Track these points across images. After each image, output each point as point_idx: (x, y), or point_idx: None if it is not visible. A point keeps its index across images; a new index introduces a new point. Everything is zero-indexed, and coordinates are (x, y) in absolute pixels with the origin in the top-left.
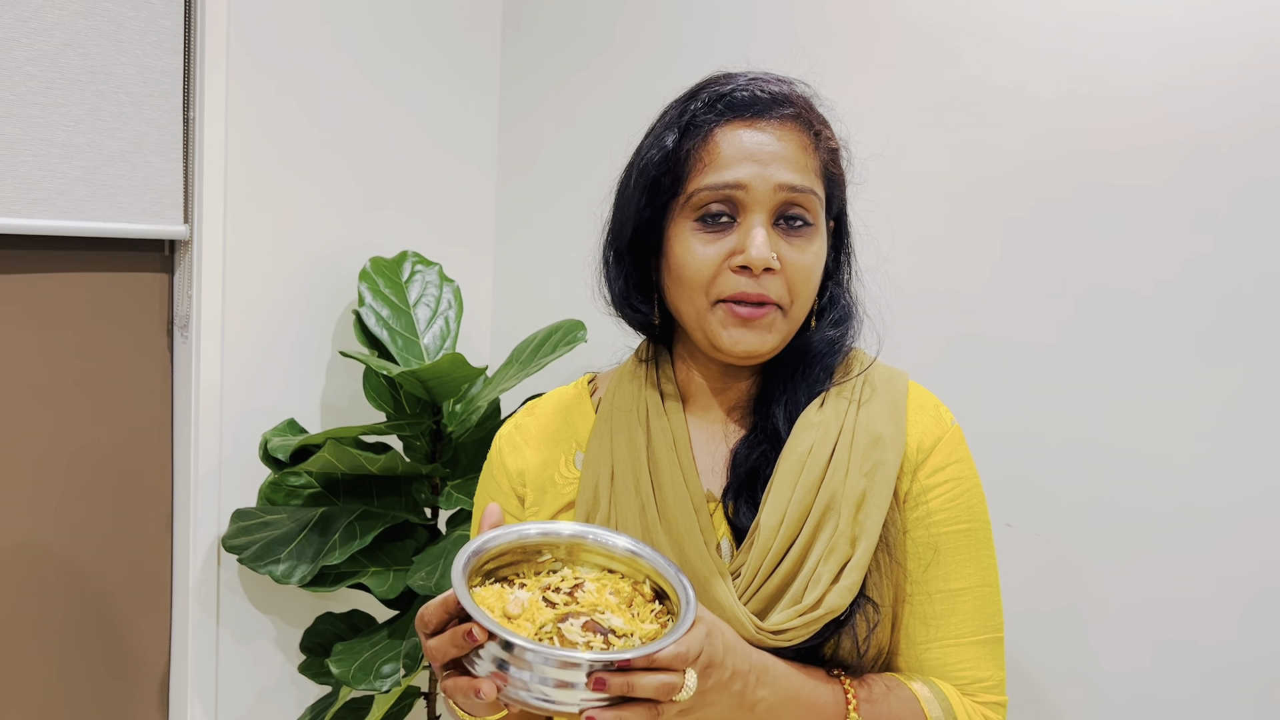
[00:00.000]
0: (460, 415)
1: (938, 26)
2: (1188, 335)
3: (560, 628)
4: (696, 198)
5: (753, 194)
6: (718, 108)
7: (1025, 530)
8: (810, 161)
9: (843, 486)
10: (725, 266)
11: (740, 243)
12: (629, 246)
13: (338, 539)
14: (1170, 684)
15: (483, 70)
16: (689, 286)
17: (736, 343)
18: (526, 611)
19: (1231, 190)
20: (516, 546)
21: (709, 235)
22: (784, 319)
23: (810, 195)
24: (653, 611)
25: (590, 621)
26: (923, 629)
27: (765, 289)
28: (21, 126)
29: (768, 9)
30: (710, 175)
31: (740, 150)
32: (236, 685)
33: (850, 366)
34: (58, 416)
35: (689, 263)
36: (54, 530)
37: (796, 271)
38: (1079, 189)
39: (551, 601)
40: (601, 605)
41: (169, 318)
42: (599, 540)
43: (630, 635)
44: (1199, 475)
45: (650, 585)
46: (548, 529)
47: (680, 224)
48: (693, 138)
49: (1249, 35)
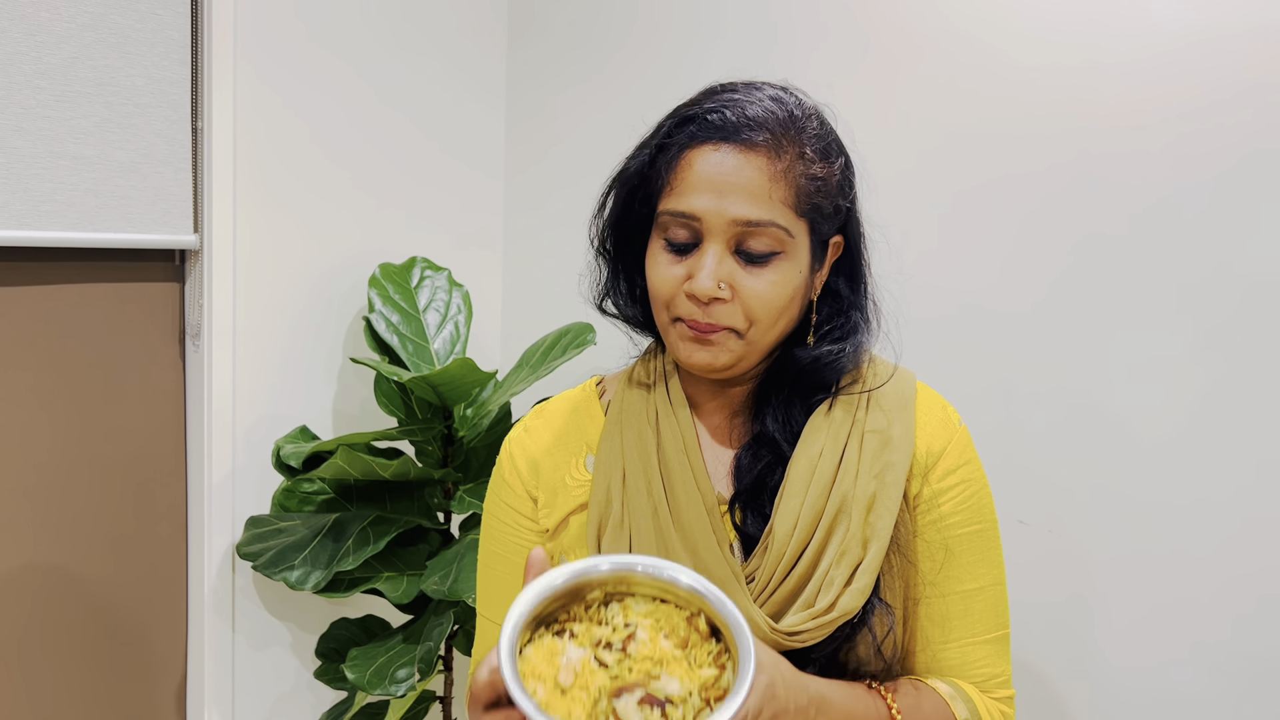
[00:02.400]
0: (471, 420)
1: (950, 28)
2: (1197, 326)
3: (615, 706)
4: (661, 220)
5: (708, 225)
6: (689, 129)
7: (1037, 526)
8: (777, 191)
9: (853, 489)
10: (681, 289)
11: (693, 269)
12: (617, 250)
13: (351, 545)
14: (1181, 679)
15: (488, 74)
16: (655, 301)
17: (690, 356)
18: (579, 678)
19: (1242, 170)
20: (569, 590)
21: (672, 256)
22: (740, 340)
23: (771, 227)
24: (710, 654)
25: (646, 696)
26: (938, 630)
27: (713, 317)
28: (32, 140)
29: (774, 12)
30: (673, 200)
31: (700, 179)
32: (253, 691)
33: (864, 375)
34: (71, 427)
35: (654, 280)
36: (70, 540)
37: (752, 299)
38: (1081, 180)
39: (603, 661)
40: (656, 657)
41: (180, 327)
42: (649, 572)
43: (689, 697)
44: (1209, 469)
45: (705, 620)
46: (585, 570)
47: (655, 239)
48: (664, 158)
49: (1250, 15)
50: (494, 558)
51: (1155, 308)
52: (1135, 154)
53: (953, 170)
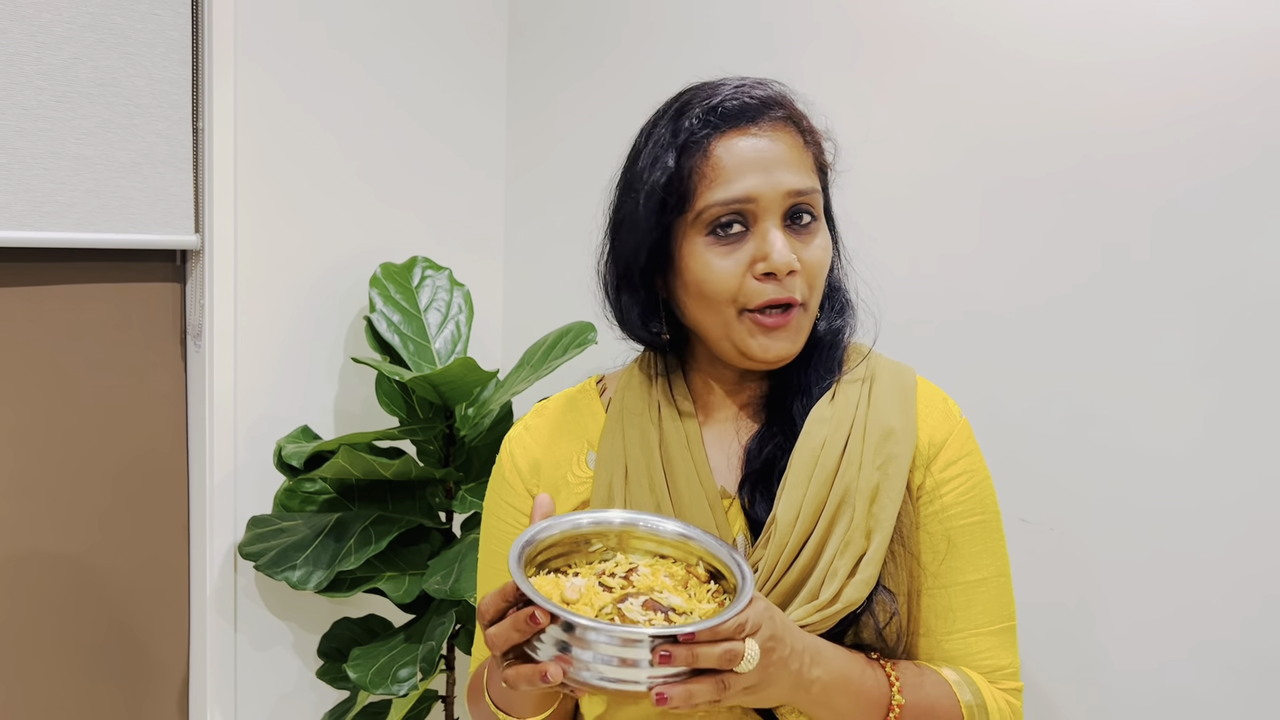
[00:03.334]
0: (473, 419)
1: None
2: (1204, 330)
3: (620, 608)
4: (707, 214)
5: (763, 203)
6: (711, 120)
7: (1039, 525)
8: (805, 159)
9: (856, 480)
10: (748, 275)
11: (760, 250)
12: (639, 266)
13: (353, 544)
14: (1186, 680)
15: (488, 73)
16: (713, 300)
17: (768, 350)
18: (584, 596)
19: (1252, 171)
20: (569, 537)
21: (725, 248)
22: (806, 314)
23: (815, 195)
24: (709, 592)
25: (649, 600)
26: (941, 621)
27: (791, 290)
28: (33, 141)
29: (775, 9)
30: (718, 190)
31: (742, 161)
32: (255, 691)
33: (851, 359)
34: (73, 427)
35: (710, 277)
36: (72, 541)
37: (812, 267)
38: (1081, 171)
39: (608, 586)
40: (658, 587)
41: (182, 327)
42: (650, 526)
43: (690, 613)
44: (1215, 472)
45: (705, 567)
46: (599, 518)
47: (692, 240)
48: (692, 154)
49: (1256, 15)
50: (494, 556)
51: (1162, 310)
52: (1143, 155)
53: (959, 173)
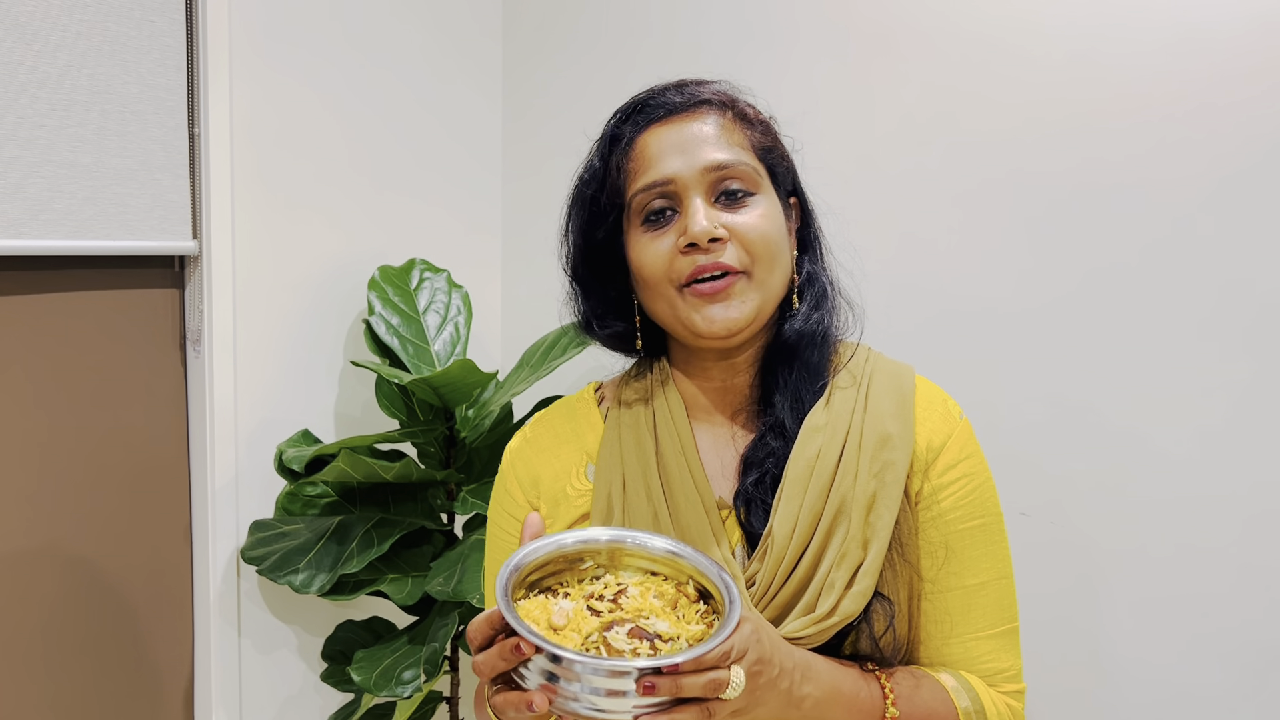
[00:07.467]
0: (473, 420)
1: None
2: (1199, 317)
3: (606, 636)
4: (636, 201)
5: (683, 182)
6: (636, 120)
7: (1039, 519)
8: (736, 137)
9: (853, 489)
10: (677, 253)
11: (680, 230)
12: (590, 269)
13: (355, 547)
14: (1189, 670)
15: (484, 71)
16: (653, 283)
17: (712, 321)
18: (572, 621)
19: (1246, 162)
20: (556, 556)
21: (657, 232)
22: (751, 284)
23: (743, 167)
24: (698, 612)
25: (636, 628)
26: (941, 626)
27: (719, 257)
28: (29, 149)
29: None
30: (641, 178)
31: (663, 148)
32: (259, 695)
33: (842, 358)
34: (75, 435)
35: (646, 261)
36: (75, 547)
37: (747, 232)
38: (1081, 168)
39: (596, 610)
40: (646, 610)
41: (181, 333)
42: (638, 543)
43: (677, 638)
44: (1215, 461)
45: (694, 585)
46: (584, 536)
47: (633, 233)
48: (618, 152)
49: (1256, 14)
50: (498, 566)
51: (1163, 304)
52: (1143, 155)
53: (960, 170)
